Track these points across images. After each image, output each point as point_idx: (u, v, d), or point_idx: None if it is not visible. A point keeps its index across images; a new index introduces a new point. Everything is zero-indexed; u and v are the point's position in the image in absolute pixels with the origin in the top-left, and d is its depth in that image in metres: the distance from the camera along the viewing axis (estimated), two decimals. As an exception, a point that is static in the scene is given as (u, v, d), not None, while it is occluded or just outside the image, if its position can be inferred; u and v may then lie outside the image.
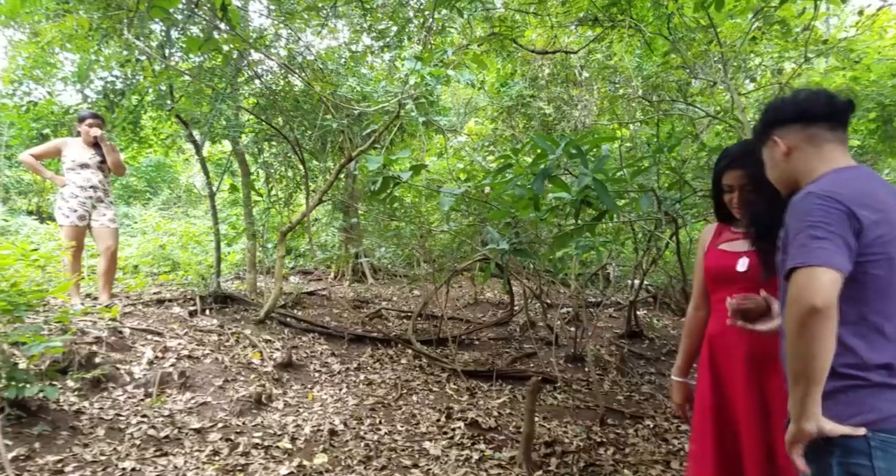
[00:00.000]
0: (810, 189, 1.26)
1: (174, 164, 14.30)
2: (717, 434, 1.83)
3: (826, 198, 1.21)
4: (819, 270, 1.15)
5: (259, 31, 5.19)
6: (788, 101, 1.44)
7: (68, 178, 4.37)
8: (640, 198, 3.07)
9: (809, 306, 1.14)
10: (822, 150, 1.37)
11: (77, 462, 2.52)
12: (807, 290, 1.15)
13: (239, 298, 5.27)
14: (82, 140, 4.45)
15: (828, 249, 1.17)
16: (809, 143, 1.38)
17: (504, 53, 5.96)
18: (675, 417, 3.88)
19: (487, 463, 3.00)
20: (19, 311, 2.86)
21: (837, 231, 1.18)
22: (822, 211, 1.20)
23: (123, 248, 7.83)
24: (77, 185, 4.35)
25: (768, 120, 1.46)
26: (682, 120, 5.38)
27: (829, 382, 1.20)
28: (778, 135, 1.42)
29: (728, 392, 1.83)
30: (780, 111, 1.44)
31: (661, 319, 6.63)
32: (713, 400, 1.85)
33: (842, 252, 1.17)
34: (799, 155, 1.39)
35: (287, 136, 5.44)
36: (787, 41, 4.70)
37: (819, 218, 1.19)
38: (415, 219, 5.54)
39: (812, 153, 1.38)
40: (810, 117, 1.39)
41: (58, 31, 4.87)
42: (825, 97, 1.39)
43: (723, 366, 1.85)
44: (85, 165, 4.39)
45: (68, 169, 4.38)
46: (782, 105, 1.44)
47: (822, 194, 1.22)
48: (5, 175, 11.67)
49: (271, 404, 3.50)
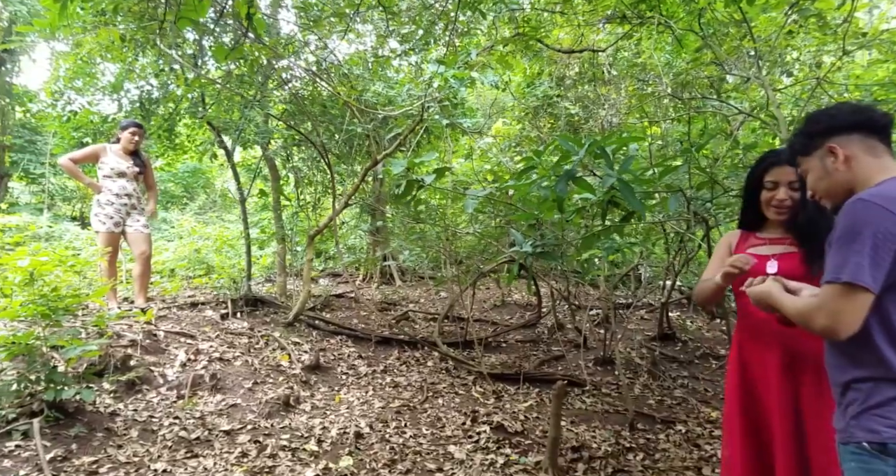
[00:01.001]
0: (861, 195, 1.25)
1: (209, 169, 14.66)
2: (745, 440, 1.80)
3: (876, 206, 1.20)
4: (852, 292, 1.18)
5: (288, 38, 5.28)
6: (845, 109, 1.40)
7: (105, 186, 4.50)
8: (668, 198, 3.01)
9: (829, 326, 1.20)
10: (882, 160, 1.35)
11: (111, 463, 2.60)
12: (836, 310, 1.20)
13: (269, 301, 5.36)
14: (121, 147, 4.59)
15: (863, 266, 1.17)
16: (869, 152, 1.35)
17: (530, 53, 5.91)
18: (708, 422, 3.78)
19: (513, 467, 2.97)
20: (58, 315, 2.96)
21: (879, 243, 1.17)
22: (866, 220, 1.20)
23: (161, 252, 8.06)
24: (113, 192, 4.48)
25: (822, 128, 1.41)
26: (715, 117, 5.24)
27: (885, 390, 1.18)
28: (835, 143, 1.38)
29: (761, 398, 1.80)
30: (836, 119, 1.39)
31: (695, 321, 6.46)
32: (741, 404, 1.84)
33: (876, 266, 1.17)
34: (857, 164, 1.36)
35: (314, 141, 5.51)
36: (825, 34, 4.53)
37: (861, 227, 1.19)
38: (440, 221, 5.55)
39: (872, 163, 1.35)
40: (871, 128, 1.36)
41: (96, 42, 5.05)
42: (879, 111, 1.39)
43: (754, 371, 1.83)
44: (122, 174, 4.53)
45: (105, 176, 4.51)
46: (838, 113, 1.40)
47: (872, 202, 1.21)
48: (50, 182, 12.16)
49: (299, 406, 3.55)
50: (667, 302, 5.59)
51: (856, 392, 1.23)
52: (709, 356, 5.25)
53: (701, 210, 3.18)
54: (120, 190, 4.51)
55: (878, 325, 1.21)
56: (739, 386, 1.85)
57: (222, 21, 4.46)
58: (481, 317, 6.20)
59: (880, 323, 1.21)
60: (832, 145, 1.37)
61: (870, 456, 1.18)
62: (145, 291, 4.69)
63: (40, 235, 8.14)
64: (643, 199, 2.85)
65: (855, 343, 1.23)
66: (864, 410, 1.20)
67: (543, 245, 3.13)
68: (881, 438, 1.16)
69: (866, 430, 1.19)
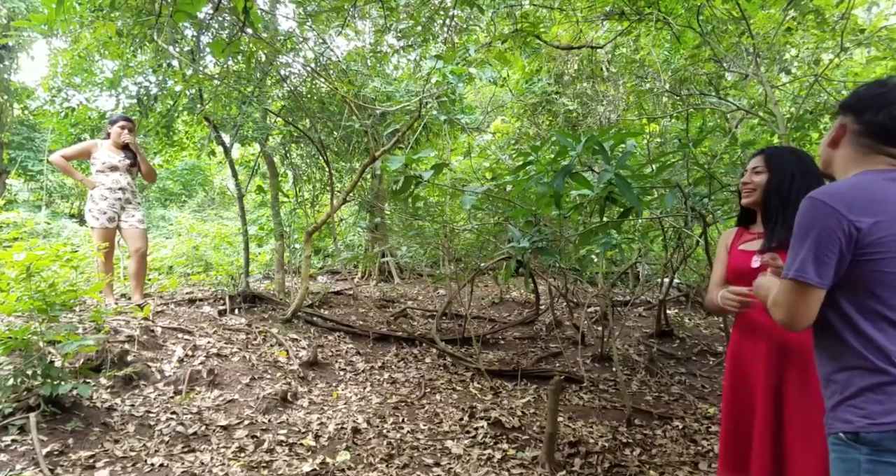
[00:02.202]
0: (812, 194, 1.26)
1: (208, 167, 14.66)
2: (729, 426, 1.92)
3: (821, 203, 1.23)
4: (800, 287, 1.24)
5: (286, 34, 5.26)
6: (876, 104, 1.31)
7: (98, 181, 4.48)
8: (665, 194, 3.01)
9: (784, 320, 1.28)
10: (865, 160, 1.32)
11: (108, 457, 2.60)
12: (787, 303, 1.27)
13: (267, 298, 5.36)
14: (112, 142, 4.56)
15: (808, 262, 1.23)
16: (855, 149, 1.34)
17: (529, 50, 5.90)
18: (705, 418, 3.79)
19: (510, 462, 2.97)
20: (54, 310, 2.96)
21: (822, 240, 1.21)
22: (812, 218, 1.24)
23: (159, 249, 8.07)
24: (106, 187, 4.46)
25: (846, 102, 1.37)
26: (714, 114, 5.24)
27: (857, 380, 1.21)
28: (844, 122, 1.36)
29: (748, 389, 1.89)
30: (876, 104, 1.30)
31: (693, 318, 6.47)
32: (730, 394, 1.95)
33: (820, 263, 1.22)
34: (841, 153, 1.37)
35: (312, 137, 5.51)
36: (823, 31, 4.53)
37: (808, 227, 1.24)
38: (438, 218, 5.54)
39: (852, 159, 1.34)
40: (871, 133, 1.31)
41: (93, 37, 5.03)
42: None
43: (745, 364, 1.92)
44: (114, 168, 4.50)
45: (98, 171, 4.49)
46: (868, 100, 1.32)
47: (818, 200, 1.24)
48: (49, 179, 12.15)
49: (296, 402, 3.55)
50: (665, 299, 5.59)
51: (835, 384, 1.27)
52: (706, 353, 5.25)
53: (699, 206, 3.17)
54: (113, 184, 4.48)
55: (840, 321, 1.25)
56: (731, 377, 1.96)
57: (219, 16, 4.45)
58: (479, 314, 6.20)
59: (840, 318, 1.25)
60: (844, 122, 1.36)
61: (845, 445, 1.22)
62: (142, 288, 4.68)
63: (38, 232, 8.13)
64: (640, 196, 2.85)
65: (826, 337, 1.28)
66: (840, 402, 1.25)
67: (541, 241, 3.12)
68: (854, 428, 1.20)
69: (842, 420, 1.23)
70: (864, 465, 1.17)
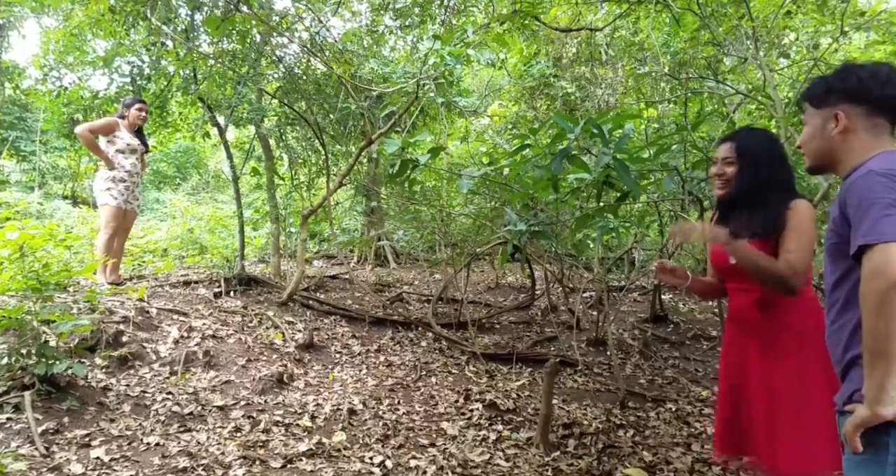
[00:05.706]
0: (871, 167, 1.23)
1: (202, 149, 14.54)
2: (726, 408, 1.95)
3: (888, 175, 1.20)
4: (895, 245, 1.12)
5: (281, 12, 5.19)
6: (879, 80, 1.31)
7: (118, 161, 4.46)
8: (662, 178, 3.00)
9: (892, 282, 1.10)
10: (880, 141, 1.32)
11: (104, 436, 2.60)
12: (888, 265, 1.11)
13: (263, 281, 5.35)
14: (129, 124, 4.57)
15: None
16: (869, 131, 1.33)
17: (527, 32, 5.84)
18: (698, 401, 3.82)
19: (504, 443, 3.00)
20: (48, 290, 2.94)
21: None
22: (885, 188, 1.18)
23: (153, 231, 8.02)
24: (125, 169, 4.48)
25: (846, 89, 1.35)
26: (712, 99, 5.21)
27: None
28: (843, 110, 1.35)
29: (745, 370, 1.91)
30: (862, 85, 1.32)
31: (687, 303, 6.51)
32: (727, 376, 1.98)
33: None
34: (855, 139, 1.34)
35: (308, 119, 5.45)
36: (823, 15, 4.49)
37: (884, 194, 1.17)
38: (434, 202, 5.52)
39: (868, 143, 1.33)
40: (888, 107, 1.31)
41: (85, 15, 4.95)
42: None
43: (743, 343, 1.94)
44: (134, 151, 4.54)
45: (118, 151, 4.47)
46: (868, 80, 1.32)
47: (884, 172, 1.20)
48: (41, 160, 12.02)
49: (292, 384, 3.55)
50: (659, 284, 5.61)
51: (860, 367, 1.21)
52: (700, 337, 5.29)
53: (696, 190, 3.17)
54: (132, 167, 4.52)
55: None
56: (728, 356, 2.01)
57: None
58: (475, 298, 6.21)
59: None
60: (839, 112, 1.35)
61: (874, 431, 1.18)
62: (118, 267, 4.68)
63: (31, 213, 8.07)
64: (638, 179, 2.84)
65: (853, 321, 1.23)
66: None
67: (538, 224, 3.12)
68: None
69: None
70: (892, 448, 1.15)
